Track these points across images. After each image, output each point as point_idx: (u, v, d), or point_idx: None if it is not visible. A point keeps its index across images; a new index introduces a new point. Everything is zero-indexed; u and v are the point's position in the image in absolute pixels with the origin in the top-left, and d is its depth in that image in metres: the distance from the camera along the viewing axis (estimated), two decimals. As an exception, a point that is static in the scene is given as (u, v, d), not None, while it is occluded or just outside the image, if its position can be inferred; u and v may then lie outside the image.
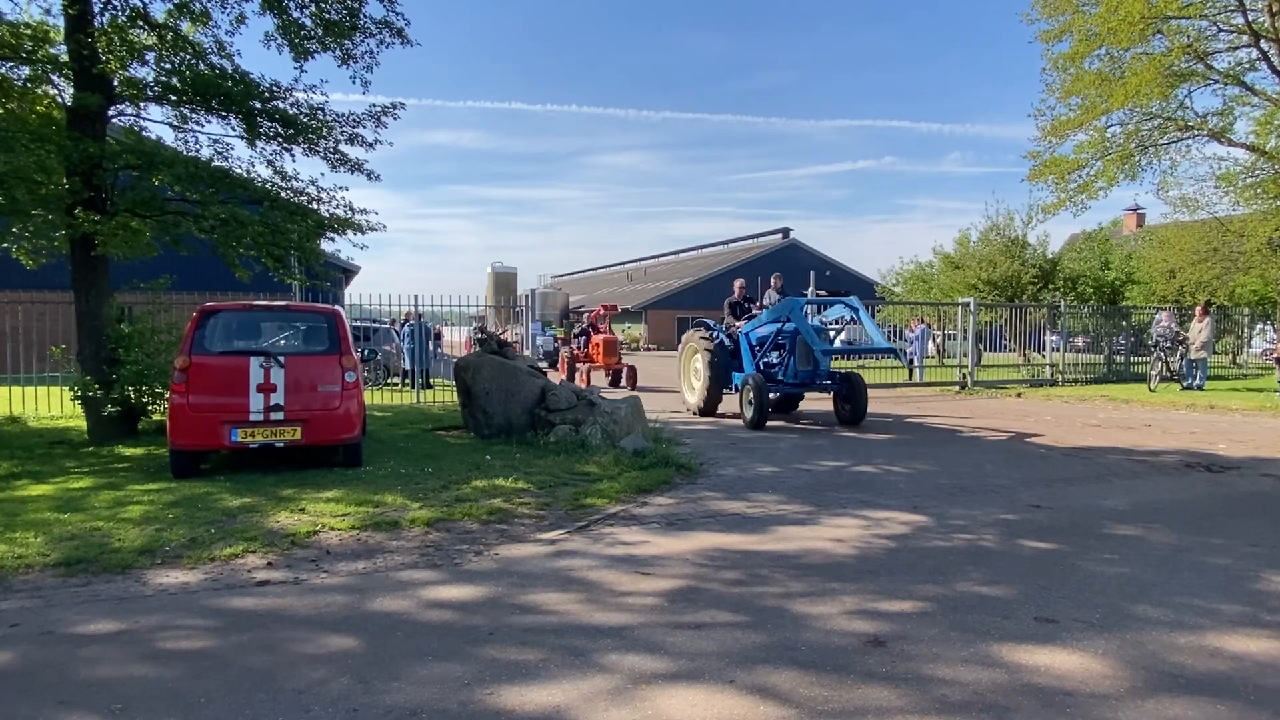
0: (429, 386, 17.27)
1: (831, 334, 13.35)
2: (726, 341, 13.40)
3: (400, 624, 4.07)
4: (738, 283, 14.70)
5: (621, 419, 9.59)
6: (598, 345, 21.05)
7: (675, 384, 18.09)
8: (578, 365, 21.51)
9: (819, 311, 13.76)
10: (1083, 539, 5.75)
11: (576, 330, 22.95)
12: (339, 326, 8.36)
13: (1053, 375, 20.70)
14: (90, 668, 3.55)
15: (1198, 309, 19.13)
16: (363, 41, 10.72)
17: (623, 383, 20.37)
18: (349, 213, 10.78)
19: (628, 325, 50.63)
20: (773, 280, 14.36)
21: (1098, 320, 22.73)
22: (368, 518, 6.04)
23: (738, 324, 13.73)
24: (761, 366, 12.89)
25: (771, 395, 12.82)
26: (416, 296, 16.02)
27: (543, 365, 26.21)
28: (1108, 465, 8.87)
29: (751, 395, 11.67)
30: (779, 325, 12.52)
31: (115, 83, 9.80)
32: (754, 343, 13.11)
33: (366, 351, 10.99)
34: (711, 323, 14.09)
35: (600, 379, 20.95)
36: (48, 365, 12.40)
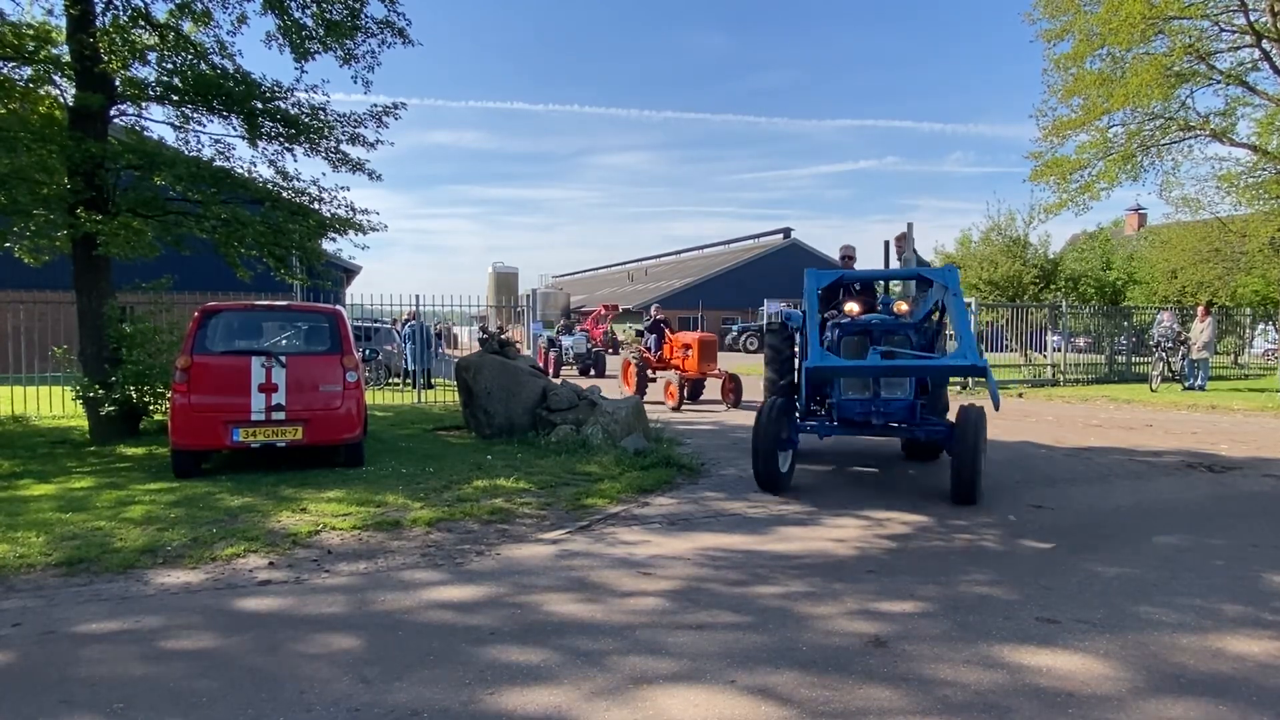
0: (430, 386, 17.28)
1: (912, 337, 7.82)
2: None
3: (402, 624, 4.08)
4: (843, 250, 9.72)
5: (622, 419, 9.59)
6: (690, 346, 15.47)
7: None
8: (651, 373, 15.97)
9: (890, 293, 9.05)
10: (1084, 539, 5.75)
11: (641, 327, 18.08)
12: (340, 326, 8.37)
13: (1054, 375, 20.68)
14: (92, 667, 3.56)
15: (1199, 309, 19.12)
16: (364, 41, 10.75)
17: (706, 394, 15.97)
18: (350, 213, 10.80)
19: (628, 325, 50.59)
20: (893, 243, 9.05)
21: (1099, 320, 22.72)
22: (369, 517, 6.05)
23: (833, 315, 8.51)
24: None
25: (816, 437, 8.72)
26: (418, 296, 16.04)
27: (572, 371, 23.59)
28: (1109, 465, 8.86)
29: (758, 430, 7.24)
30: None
31: (117, 83, 9.82)
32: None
33: (368, 351, 11.01)
34: (785, 309, 9.78)
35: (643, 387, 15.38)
36: (50, 365, 12.42)
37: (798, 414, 7.86)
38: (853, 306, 7.94)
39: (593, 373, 23.81)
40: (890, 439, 9.50)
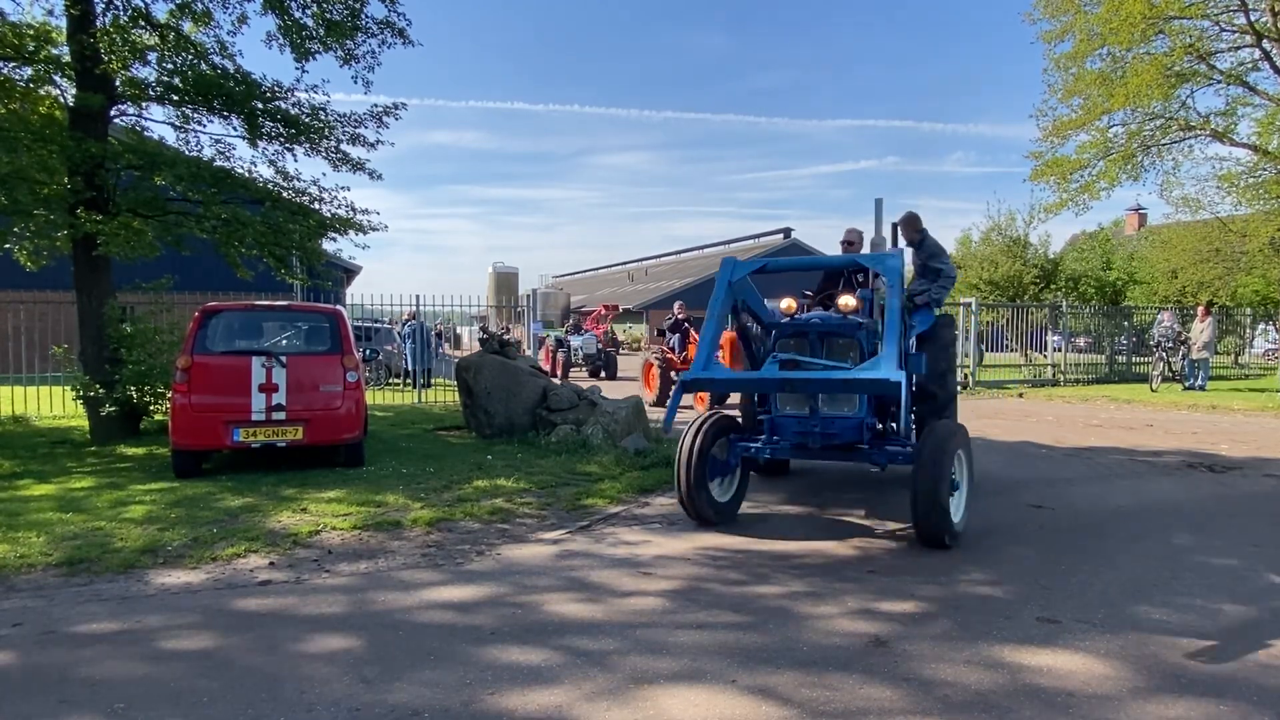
0: (429, 386, 17.27)
1: (863, 341, 6.09)
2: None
3: (402, 624, 4.08)
4: (846, 235, 7.75)
5: (623, 419, 9.59)
6: (720, 346, 11.54)
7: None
8: (675, 376, 14.57)
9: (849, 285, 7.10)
10: (1085, 539, 5.74)
11: (664, 326, 16.64)
12: (340, 326, 8.37)
13: (1054, 375, 20.69)
14: (92, 667, 3.56)
15: (1199, 309, 19.12)
16: (364, 42, 10.75)
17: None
18: (350, 213, 10.80)
19: (629, 325, 50.61)
20: (900, 228, 7.29)
21: (1099, 320, 22.73)
22: (369, 517, 6.05)
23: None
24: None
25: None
26: (418, 296, 16.04)
27: (580, 373, 22.11)
28: (1109, 465, 8.86)
29: (680, 450, 5.99)
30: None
31: (117, 83, 9.82)
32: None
33: (368, 351, 11.01)
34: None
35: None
36: (50, 365, 12.41)
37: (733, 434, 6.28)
38: (790, 303, 6.34)
39: (603, 375, 22.45)
40: None
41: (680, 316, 16.58)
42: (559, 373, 20.91)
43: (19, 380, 13.34)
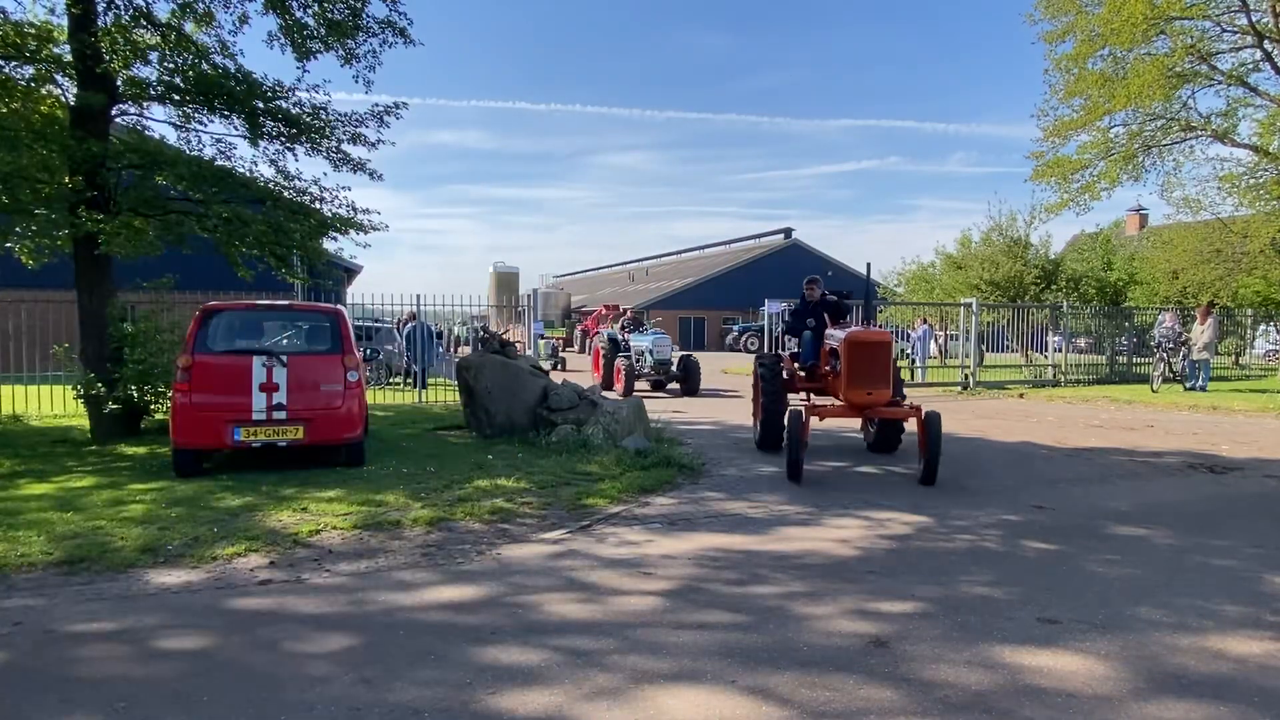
0: (425, 386, 17.23)
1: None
2: None
3: (402, 624, 4.08)
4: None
5: (624, 419, 9.59)
6: (836, 353, 8.67)
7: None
8: (805, 398, 9.49)
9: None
10: (1085, 540, 5.75)
11: (789, 323, 10.45)
12: (341, 326, 8.38)
13: (1055, 376, 20.68)
14: (93, 666, 3.56)
15: (1200, 310, 19.11)
16: (365, 41, 10.75)
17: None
18: (351, 212, 10.80)
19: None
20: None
21: (1100, 321, 22.71)
22: (369, 517, 6.05)
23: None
24: None
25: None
26: (418, 296, 16.03)
27: (646, 386, 17.22)
28: (1110, 466, 8.85)
29: None
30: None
31: (119, 82, 9.83)
32: None
33: (369, 351, 11.01)
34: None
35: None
36: (50, 364, 12.42)
37: None
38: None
39: (677, 386, 17.48)
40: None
41: (828, 296, 10.06)
42: (622, 386, 16.32)
43: (19, 380, 13.34)
